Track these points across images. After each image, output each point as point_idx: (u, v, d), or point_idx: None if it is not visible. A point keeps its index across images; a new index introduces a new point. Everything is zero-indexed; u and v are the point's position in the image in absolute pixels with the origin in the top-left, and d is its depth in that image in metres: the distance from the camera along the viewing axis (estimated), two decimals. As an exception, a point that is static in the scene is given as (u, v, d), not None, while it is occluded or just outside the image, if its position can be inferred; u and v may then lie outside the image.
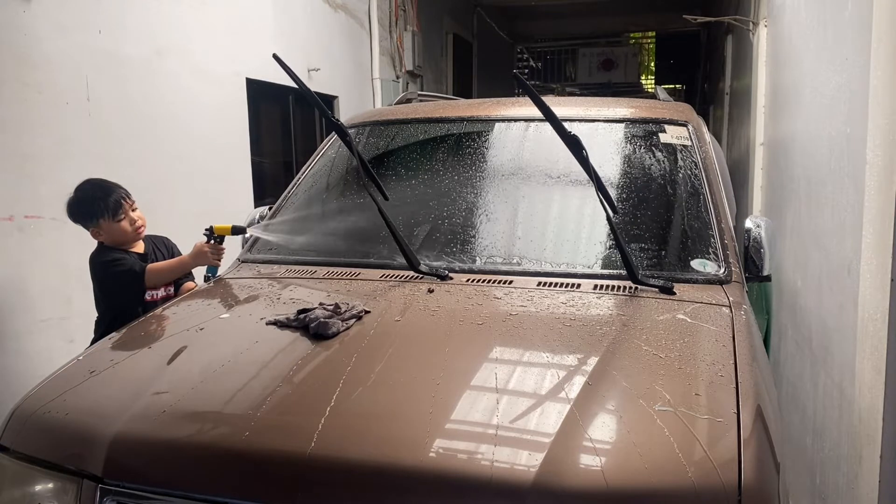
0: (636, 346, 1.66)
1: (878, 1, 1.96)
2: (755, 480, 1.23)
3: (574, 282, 2.07)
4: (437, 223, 2.39)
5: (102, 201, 2.62)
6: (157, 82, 4.18)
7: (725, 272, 2.11)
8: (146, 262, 2.75)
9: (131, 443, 1.44)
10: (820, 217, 2.69)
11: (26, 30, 3.30)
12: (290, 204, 2.70)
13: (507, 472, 1.26)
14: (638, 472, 1.24)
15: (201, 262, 2.61)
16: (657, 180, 2.42)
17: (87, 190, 2.66)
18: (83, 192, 2.66)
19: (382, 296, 2.03)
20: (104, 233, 2.67)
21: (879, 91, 1.97)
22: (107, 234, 2.68)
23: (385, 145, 2.82)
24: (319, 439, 1.34)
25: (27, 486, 1.50)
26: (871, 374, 1.99)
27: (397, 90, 7.50)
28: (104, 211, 2.62)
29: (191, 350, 1.78)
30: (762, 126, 4.64)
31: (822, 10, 2.75)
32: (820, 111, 2.74)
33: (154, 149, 4.10)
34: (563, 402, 1.42)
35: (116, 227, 2.65)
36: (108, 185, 2.69)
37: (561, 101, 3.13)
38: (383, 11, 7.41)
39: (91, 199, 2.63)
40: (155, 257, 2.82)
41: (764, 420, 1.40)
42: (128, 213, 2.67)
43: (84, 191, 2.66)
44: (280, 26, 5.52)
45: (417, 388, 1.50)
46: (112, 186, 2.69)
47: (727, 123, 7.29)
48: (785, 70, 3.75)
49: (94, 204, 2.62)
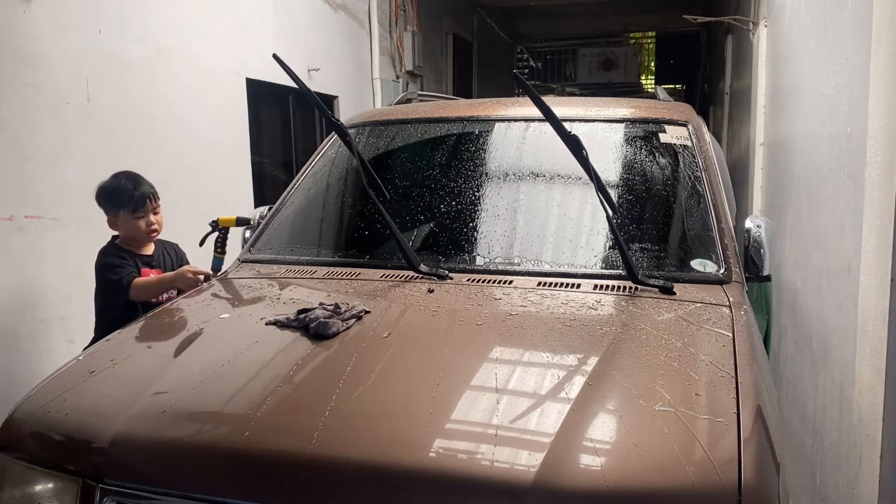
0: (636, 346, 1.66)
1: (878, 1, 1.96)
2: (755, 480, 1.23)
3: (574, 282, 2.07)
4: (437, 223, 2.39)
5: (128, 193, 2.66)
6: (158, 82, 4.18)
7: (725, 272, 2.11)
8: (151, 264, 2.77)
9: (131, 443, 1.44)
10: (820, 217, 2.69)
11: (26, 30, 3.30)
12: (290, 204, 2.70)
13: (507, 472, 1.26)
14: (638, 472, 1.24)
15: (180, 284, 2.59)
16: (657, 180, 2.42)
17: (120, 178, 2.70)
18: (115, 180, 2.70)
19: (382, 296, 2.03)
20: (120, 225, 2.71)
21: (879, 91, 1.97)
22: (122, 227, 2.72)
23: (385, 145, 2.82)
24: (319, 439, 1.34)
25: (27, 486, 1.50)
26: (871, 375, 1.99)
27: (397, 90, 7.49)
28: (126, 203, 2.66)
29: (191, 350, 1.78)
30: (762, 126, 4.64)
31: (822, 10, 2.75)
32: (820, 111, 2.74)
33: (154, 149, 4.10)
34: (563, 402, 1.42)
35: (133, 223, 2.68)
36: (139, 180, 2.72)
37: (561, 101, 3.13)
38: (383, 11, 7.41)
39: (119, 189, 2.67)
40: (162, 262, 2.83)
41: (764, 420, 1.40)
42: (148, 213, 2.70)
43: (117, 178, 2.71)
44: (280, 26, 5.52)
45: (417, 388, 1.50)
46: (143, 182, 2.72)
47: (727, 123, 7.29)
48: (785, 70, 3.75)
49: (121, 194, 2.66)
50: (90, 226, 3.00)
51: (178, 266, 2.85)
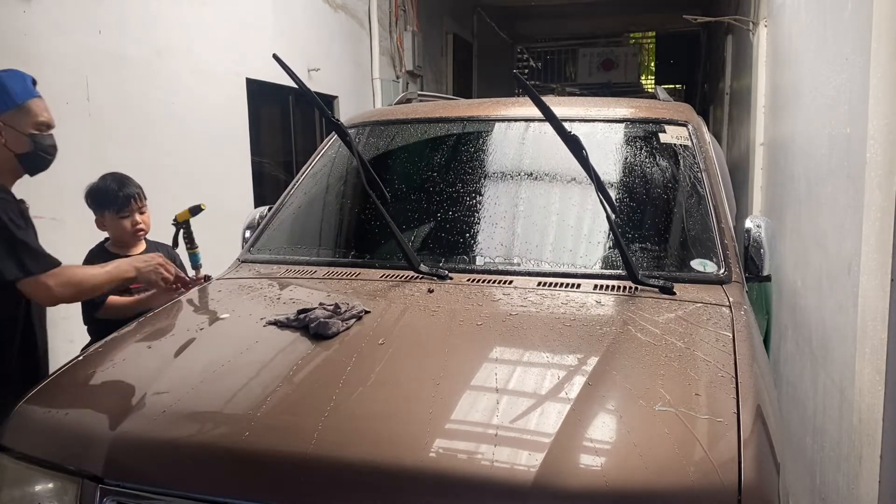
0: (636, 346, 1.66)
1: (878, 1, 1.96)
2: (755, 480, 1.23)
3: (574, 282, 2.07)
4: (437, 223, 2.39)
5: (113, 194, 2.66)
6: (157, 82, 4.18)
7: (725, 272, 2.11)
8: None
9: (131, 443, 1.44)
10: (820, 217, 2.69)
11: (26, 30, 3.30)
12: (290, 204, 2.70)
13: (507, 472, 1.26)
14: (638, 472, 1.24)
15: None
16: (657, 180, 2.42)
17: (107, 179, 2.70)
18: (102, 181, 2.70)
19: (382, 296, 2.03)
20: (107, 225, 2.71)
21: (879, 91, 1.97)
22: (109, 227, 2.72)
23: (385, 145, 2.82)
24: (319, 439, 1.34)
25: (27, 486, 1.50)
26: (871, 375, 2.00)
27: (397, 90, 7.49)
28: (111, 203, 2.66)
29: (191, 350, 1.78)
30: (762, 126, 4.64)
31: (822, 10, 2.75)
32: (820, 111, 2.74)
33: (154, 149, 4.10)
34: (563, 402, 1.42)
35: (118, 223, 2.68)
36: (125, 181, 2.72)
37: (561, 101, 3.13)
38: (383, 11, 7.42)
39: (104, 190, 2.67)
40: None
41: (764, 420, 1.40)
42: (133, 213, 2.69)
43: (104, 180, 2.71)
44: (280, 26, 5.52)
45: (417, 388, 1.50)
46: (129, 183, 2.72)
47: (727, 123, 7.29)
48: (785, 70, 3.75)
49: (106, 194, 2.66)
50: (90, 226, 2.98)
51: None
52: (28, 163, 2.25)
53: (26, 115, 2.19)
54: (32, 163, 2.27)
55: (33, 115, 2.21)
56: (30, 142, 2.21)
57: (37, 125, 2.22)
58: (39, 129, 2.23)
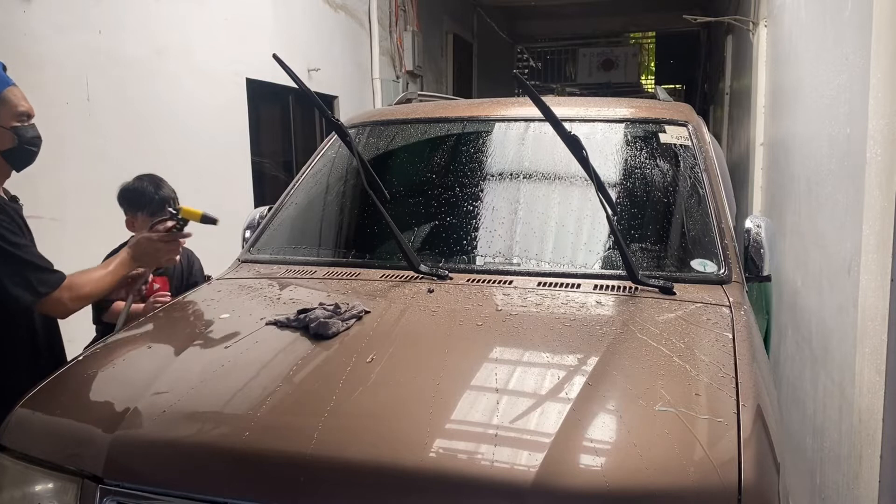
0: (636, 346, 1.66)
1: (878, 1, 1.96)
2: (755, 480, 1.23)
3: (574, 282, 2.07)
4: (437, 223, 2.39)
5: (149, 196, 2.68)
6: (157, 82, 4.18)
7: (725, 272, 2.11)
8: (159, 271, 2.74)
9: (131, 443, 1.44)
10: (820, 217, 2.69)
11: (26, 30, 3.30)
12: (290, 204, 2.70)
13: (507, 472, 1.26)
14: (638, 472, 1.24)
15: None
16: (657, 180, 2.42)
17: (144, 181, 2.72)
18: (139, 182, 2.72)
19: (382, 296, 2.03)
20: (137, 227, 2.71)
21: (879, 91, 1.97)
22: (139, 229, 2.72)
23: (385, 145, 2.82)
24: (319, 439, 1.34)
25: (27, 486, 1.50)
26: (871, 375, 2.00)
27: (397, 90, 7.50)
28: (147, 206, 2.67)
29: (191, 350, 1.78)
30: (762, 126, 4.64)
31: (822, 10, 2.75)
32: (820, 111, 2.74)
33: (154, 149, 4.10)
34: (563, 402, 1.42)
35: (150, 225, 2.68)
36: (161, 183, 2.74)
37: (561, 101, 3.13)
38: (383, 11, 7.42)
39: (141, 191, 2.69)
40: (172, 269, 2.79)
41: (764, 420, 1.40)
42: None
43: (140, 180, 2.73)
44: (280, 26, 5.52)
45: (417, 388, 1.50)
46: (164, 186, 2.74)
47: (727, 123, 7.29)
48: (785, 70, 3.75)
49: (142, 196, 2.68)
50: (90, 226, 3.00)
51: (188, 274, 2.83)
52: (14, 159, 2.09)
53: (4, 106, 2.01)
54: (19, 158, 2.10)
55: (12, 106, 2.02)
56: (13, 136, 2.03)
57: (17, 116, 2.03)
58: (20, 120, 2.04)
